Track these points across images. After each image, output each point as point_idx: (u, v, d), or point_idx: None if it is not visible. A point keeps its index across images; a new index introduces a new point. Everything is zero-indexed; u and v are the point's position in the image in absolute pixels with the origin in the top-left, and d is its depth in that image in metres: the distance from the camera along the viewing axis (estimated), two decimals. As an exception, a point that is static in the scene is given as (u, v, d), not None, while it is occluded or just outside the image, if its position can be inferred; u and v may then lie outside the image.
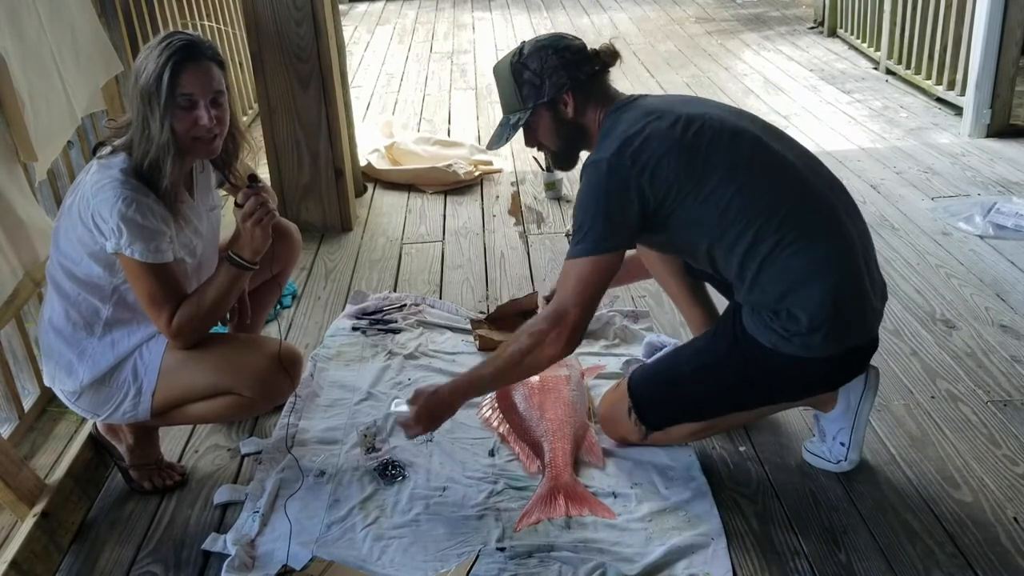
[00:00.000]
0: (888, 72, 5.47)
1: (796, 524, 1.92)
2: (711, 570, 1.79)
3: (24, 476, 1.91)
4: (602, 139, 1.87)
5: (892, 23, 5.33)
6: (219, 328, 2.17)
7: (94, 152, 1.90)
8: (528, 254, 3.32)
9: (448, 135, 4.81)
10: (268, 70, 3.29)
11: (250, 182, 1.91)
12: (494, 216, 3.68)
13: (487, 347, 2.62)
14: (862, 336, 1.87)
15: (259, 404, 2.01)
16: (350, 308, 2.88)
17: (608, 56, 1.94)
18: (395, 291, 3.04)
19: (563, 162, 2.05)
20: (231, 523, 1.97)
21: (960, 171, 3.89)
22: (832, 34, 6.59)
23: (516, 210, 3.73)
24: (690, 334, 2.36)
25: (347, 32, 7.59)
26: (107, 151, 1.86)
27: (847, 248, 1.82)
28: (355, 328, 2.76)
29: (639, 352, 2.52)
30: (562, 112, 1.93)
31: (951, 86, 4.64)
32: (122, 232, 1.77)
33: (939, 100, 4.83)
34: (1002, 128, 4.27)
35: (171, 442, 2.26)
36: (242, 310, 2.13)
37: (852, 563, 1.81)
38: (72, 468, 2.03)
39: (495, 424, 2.26)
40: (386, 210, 3.80)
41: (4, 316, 2.17)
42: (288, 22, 3.21)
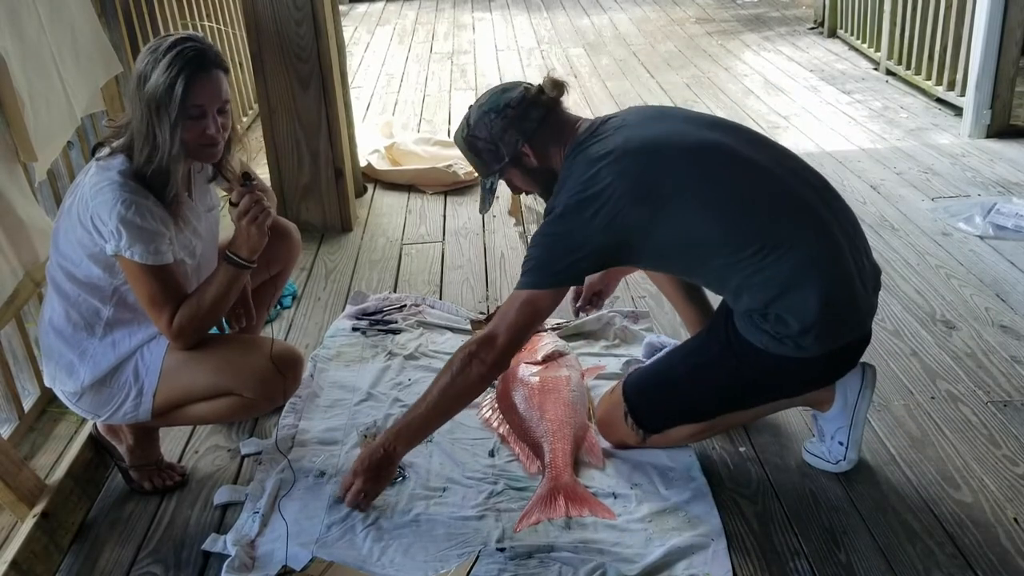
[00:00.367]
0: (888, 73, 5.47)
1: (796, 524, 1.92)
2: (711, 570, 1.79)
3: (24, 476, 1.91)
4: (561, 182, 1.87)
5: (892, 23, 5.33)
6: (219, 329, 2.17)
7: (93, 152, 1.90)
8: (528, 254, 3.31)
9: (448, 135, 4.81)
10: (268, 70, 3.29)
11: (244, 180, 1.92)
12: (494, 216, 3.68)
13: (487, 347, 2.62)
14: (855, 332, 1.87)
15: (260, 405, 2.01)
16: (350, 309, 2.88)
17: (553, 91, 1.94)
18: (395, 291, 3.04)
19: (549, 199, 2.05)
20: (231, 523, 1.97)
21: (960, 172, 3.89)
22: (832, 35, 6.59)
23: (516, 210, 3.73)
24: (689, 334, 2.36)
25: (347, 32, 7.59)
26: (105, 152, 1.86)
27: (831, 247, 1.80)
28: (355, 329, 2.76)
29: (639, 353, 2.52)
30: (527, 163, 1.95)
31: (951, 87, 4.64)
32: (121, 234, 1.77)
33: (939, 101, 4.83)
34: (1002, 128, 4.27)
35: (171, 442, 2.26)
36: (247, 310, 2.13)
37: (852, 563, 1.81)
38: (72, 468, 2.03)
39: (495, 425, 2.26)
40: (386, 210, 3.80)
41: (4, 316, 2.17)
42: (288, 22, 3.22)
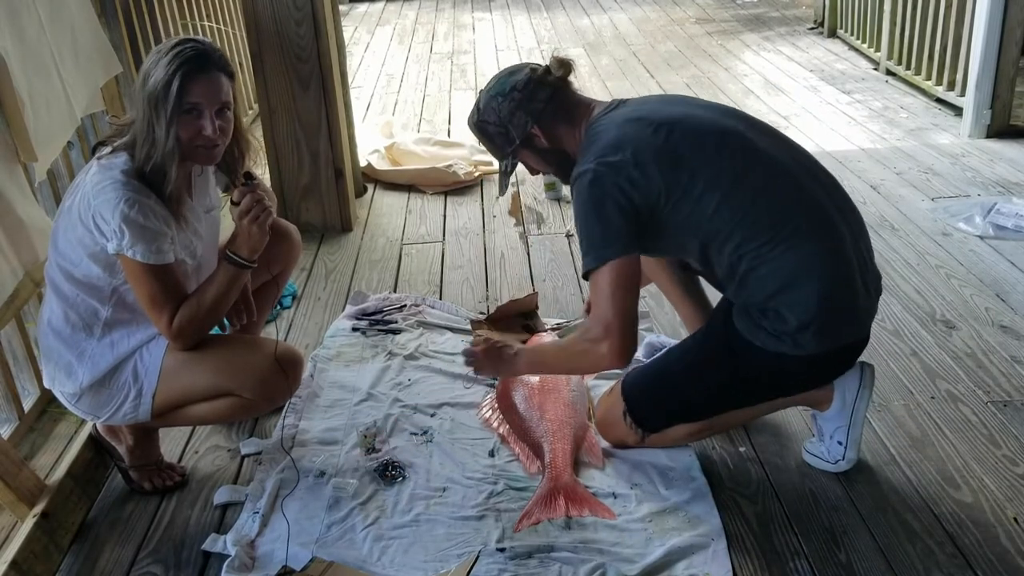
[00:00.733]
0: (888, 73, 5.47)
1: (796, 524, 1.92)
2: (711, 570, 1.79)
3: (24, 476, 1.91)
4: (584, 150, 1.87)
5: (892, 23, 5.33)
6: (219, 330, 2.17)
7: (94, 151, 1.90)
8: (528, 254, 3.32)
9: (448, 135, 4.81)
10: (268, 70, 3.29)
11: (245, 180, 1.92)
12: (494, 216, 3.68)
13: (487, 347, 2.62)
14: (853, 333, 1.87)
15: (260, 405, 2.01)
16: (350, 309, 2.88)
17: (559, 71, 1.93)
18: (395, 291, 3.04)
19: (567, 179, 2.02)
20: (231, 523, 1.97)
21: (960, 172, 3.89)
22: (832, 35, 6.59)
23: (516, 210, 3.73)
24: (688, 333, 2.36)
25: (347, 33, 7.59)
26: (107, 151, 1.86)
27: (837, 246, 1.81)
28: (355, 329, 2.76)
29: (639, 352, 2.52)
30: (539, 144, 1.95)
31: (951, 86, 4.64)
32: (124, 233, 1.77)
33: (939, 101, 4.83)
34: (1002, 128, 4.27)
35: (171, 443, 2.26)
36: (248, 310, 2.13)
37: (852, 563, 1.81)
38: (72, 468, 2.03)
39: (495, 425, 2.26)
40: (386, 211, 3.80)
41: (4, 316, 2.17)
42: (288, 22, 3.22)
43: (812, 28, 6.94)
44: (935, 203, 3.56)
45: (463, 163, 4.07)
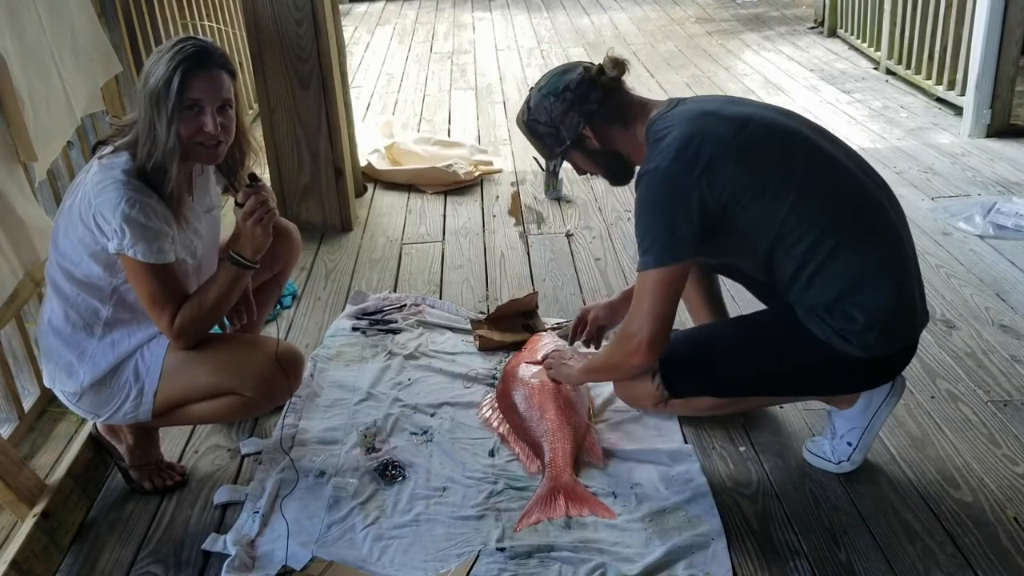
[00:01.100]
0: (888, 72, 5.47)
1: (796, 524, 1.92)
2: (711, 570, 1.79)
3: (24, 476, 1.91)
4: (652, 147, 1.81)
5: (892, 23, 5.33)
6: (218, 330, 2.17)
7: (94, 151, 1.90)
8: (528, 254, 3.32)
9: (448, 135, 4.81)
10: (268, 70, 3.29)
11: (250, 181, 1.92)
12: (494, 216, 3.68)
13: (487, 347, 2.63)
14: (909, 336, 1.86)
15: (261, 404, 2.01)
16: (350, 308, 2.88)
17: (613, 71, 1.89)
18: (395, 291, 3.04)
19: (615, 182, 2.01)
20: (231, 523, 1.97)
21: (960, 171, 3.89)
22: (832, 34, 6.59)
23: (516, 210, 3.73)
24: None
25: (347, 32, 7.59)
26: (109, 150, 1.85)
27: (901, 249, 1.82)
28: (355, 328, 2.76)
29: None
30: (589, 145, 1.91)
31: (951, 86, 4.64)
32: (125, 233, 1.77)
33: (939, 100, 4.83)
34: (1002, 128, 4.27)
35: (171, 442, 2.26)
36: (248, 309, 2.13)
37: (852, 563, 1.81)
38: (72, 468, 2.03)
39: (495, 424, 2.26)
40: (386, 210, 3.80)
41: (4, 316, 2.17)
42: (288, 22, 3.22)
43: (812, 27, 6.94)
44: (935, 203, 3.56)
45: (463, 163, 4.07)
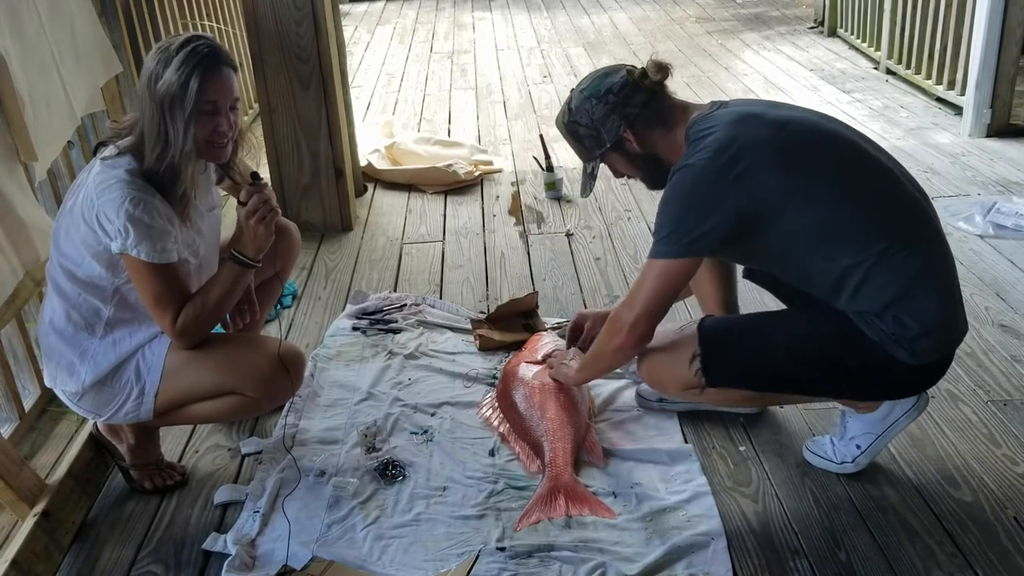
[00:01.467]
0: (888, 72, 5.47)
1: (796, 524, 1.92)
2: (711, 570, 1.79)
3: (25, 476, 1.91)
4: (692, 146, 1.79)
5: (892, 23, 5.32)
6: (219, 329, 2.17)
7: (95, 152, 1.90)
8: (528, 254, 3.32)
9: (448, 135, 4.81)
10: (268, 70, 3.29)
11: (253, 180, 1.92)
12: (494, 216, 3.68)
13: (487, 347, 2.63)
14: (955, 345, 1.84)
15: (262, 404, 2.01)
16: (350, 308, 2.88)
17: (657, 75, 1.88)
18: (395, 291, 3.04)
19: (652, 186, 2.00)
20: (231, 523, 1.97)
21: (960, 171, 3.89)
22: (832, 34, 6.59)
23: (516, 210, 3.73)
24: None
25: (347, 32, 7.59)
26: (112, 152, 1.84)
27: (945, 255, 1.81)
28: (355, 328, 2.77)
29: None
30: (629, 148, 1.90)
31: (951, 86, 4.64)
32: (129, 232, 1.76)
33: (939, 100, 4.83)
34: (1002, 128, 4.27)
35: (172, 442, 2.26)
36: (251, 309, 2.13)
37: (852, 563, 1.81)
38: (73, 468, 2.03)
39: (495, 424, 2.27)
40: (386, 210, 3.80)
41: (5, 316, 2.18)
42: (288, 22, 3.22)
43: (812, 27, 6.94)
44: (935, 202, 3.54)
45: (463, 162, 4.07)
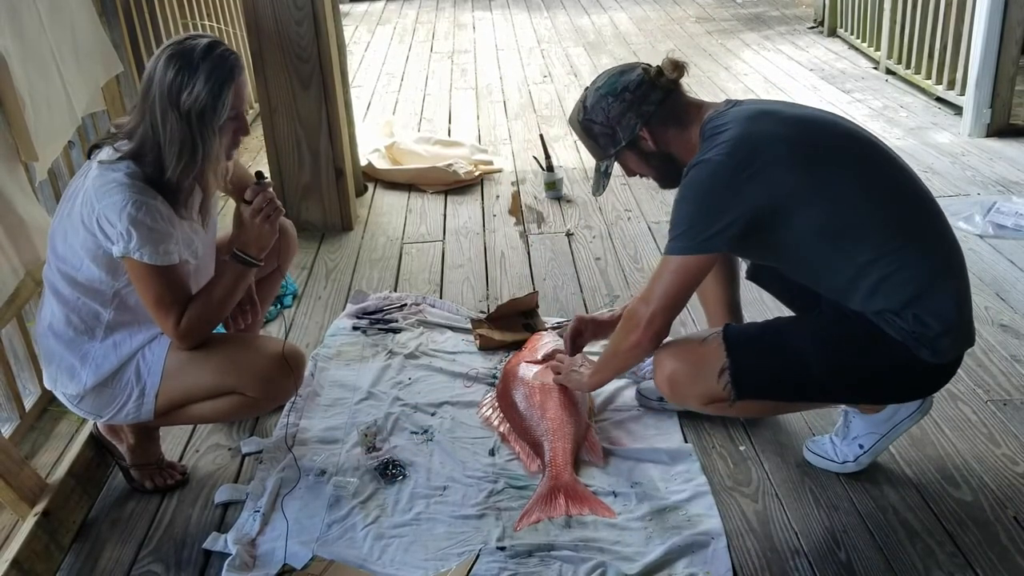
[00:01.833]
0: (888, 72, 5.47)
1: (796, 524, 1.92)
2: (711, 569, 1.79)
3: (25, 475, 1.91)
4: (707, 143, 1.79)
5: (892, 23, 5.33)
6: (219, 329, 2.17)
7: (89, 154, 1.88)
8: (528, 254, 3.32)
9: (448, 135, 4.81)
10: (269, 70, 3.29)
11: (258, 179, 1.92)
12: (494, 216, 3.69)
13: (487, 346, 2.63)
14: (970, 342, 1.84)
15: (263, 404, 2.01)
16: (350, 308, 2.88)
17: (672, 73, 1.87)
18: (395, 291, 3.05)
19: (665, 184, 2.00)
20: (232, 522, 1.97)
21: (960, 170, 3.90)
22: (832, 34, 6.59)
23: (516, 210, 3.73)
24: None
25: (347, 32, 7.59)
26: (111, 156, 1.80)
27: (957, 253, 1.81)
28: (356, 327, 2.77)
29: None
30: (644, 147, 1.90)
31: (951, 85, 4.64)
32: (131, 236, 1.75)
33: (939, 100, 4.83)
34: (1002, 127, 4.27)
35: (172, 441, 2.26)
36: (253, 308, 2.13)
37: (852, 562, 1.81)
38: (73, 467, 2.03)
39: (495, 423, 2.27)
40: (386, 210, 3.80)
41: (5, 315, 2.18)
42: (288, 22, 3.22)
43: (812, 27, 6.93)
44: (935, 202, 3.56)
45: (463, 162, 4.07)
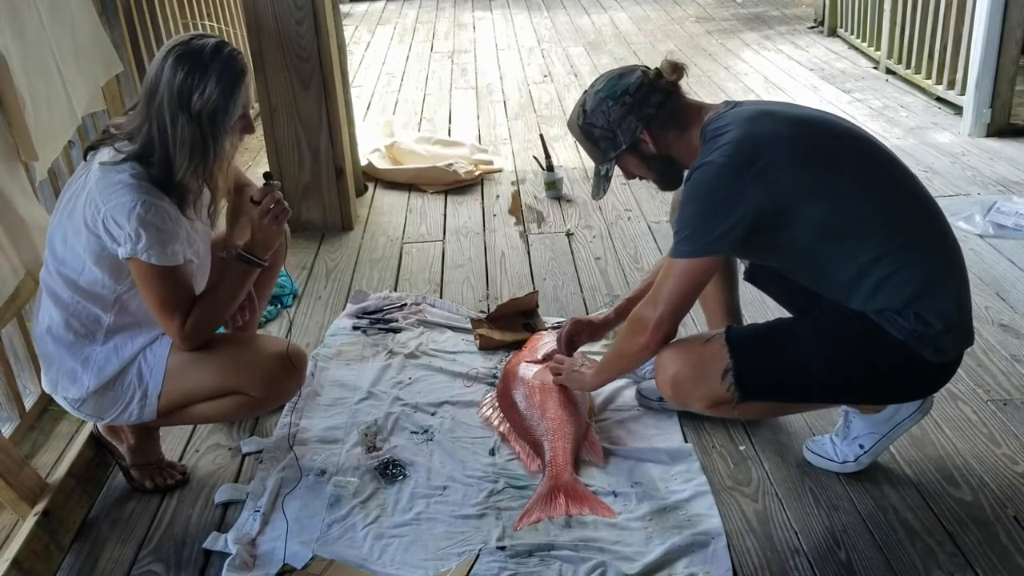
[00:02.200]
0: (888, 71, 5.47)
1: (796, 524, 1.93)
2: (711, 569, 1.79)
3: (25, 475, 1.91)
4: (708, 145, 1.79)
5: (892, 22, 5.33)
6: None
7: (84, 155, 1.87)
8: (528, 253, 3.32)
9: (449, 134, 4.81)
10: (269, 69, 3.29)
11: (266, 179, 1.93)
12: (494, 215, 3.69)
13: (487, 346, 2.63)
14: (970, 342, 1.84)
15: (266, 403, 2.01)
16: (351, 307, 2.88)
17: (672, 75, 1.87)
18: (396, 290, 3.05)
19: (666, 186, 2.01)
20: (232, 522, 1.97)
21: (960, 170, 3.90)
22: (832, 33, 6.59)
23: (516, 209, 3.73)
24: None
25: (348, 32, 7.59)
26: (113, 157, 1.79)
27: (957, 252, 1.81)
28: (356, 327, 2.77)
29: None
30: (645, 150, 1.90)
31: (951, 85, 4.64)
32: (140, 237, 1.74)
33: (939, 99, 4.83)
34: (1002, 127, 4.27)
35: (172, 441, 2.26)
36: (251, 306, 2.13)
37: (852, 562, 1.81)
38: (73, 467, 2.03)
39: (495, 423, 2.27)
40: (387, 209, 3.80)
41: (5, 315, 2.18)
42: (289, 21, 3.22)
43: (812, 27, 6.94)
44: (935, 202, 3.56)
45: (463, 162, 4.08)
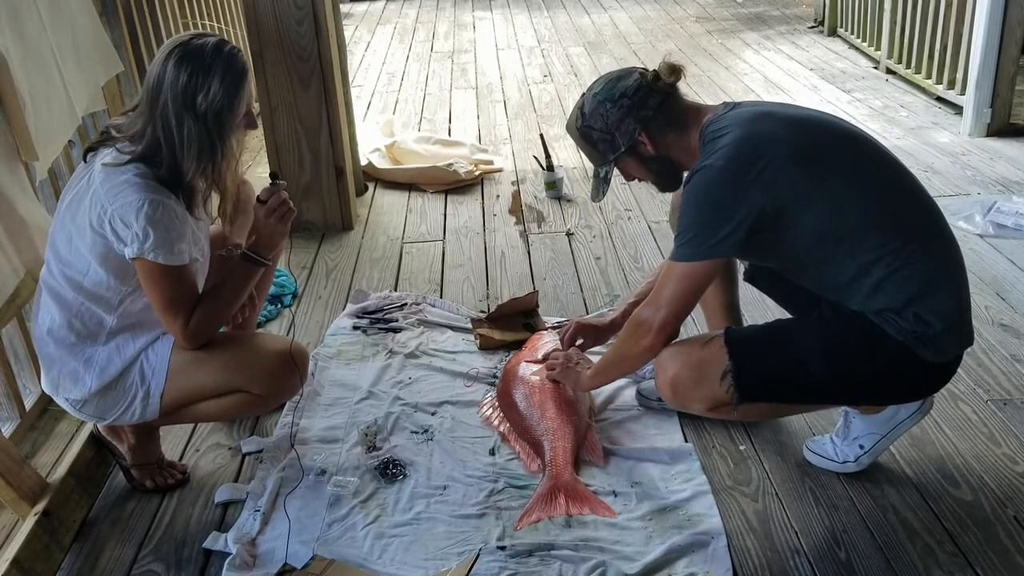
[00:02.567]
0: (888, 71, 5.47)
1: (796, 523, 1.93)
2: (711, 569, 1.79)
3: (25, 475, 1.91)
4: (707, 147, 1.79)
5: (892, 22, 5.33)
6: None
7: (84, 156, 1.86)
8: (528, 253, 3.32)
9: (449, 134, 4.81)
10: (269, 69, 3.29)
11: (272, 179, 1.93)
12: (494, 215, 3.69)
13: (487, 346, 2.63)
14: (969, 342, 1.84)
15: (269, 401, 2.01)
16: (351, 307, 2.88)
17: (670, 77, 1.87)
18: (396, 290, 3.05)
19: (664, 188, 2.01)
20: (232, 522, 1.97)
21: (960, 170, 3.90)
22: (832, 33, 6.59)
23: (516, 209, 3.73)
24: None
25: (348, 32, 7.59)
26: (116, 159, 1.78)
27: (956, 251, 1.81)
28: (356, 327, 2.77)
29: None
30: (643, 152, 1.90)
31: (951, 85, 4.64)
32: (148, 236, 1.74)
33: (939, 99, 4.83)
34: (1002, 127, 4.27)
35: (172, 441, 2.26)
36: (250, 303, 2.13)
37: (852, 562, 1.81)
38: (73, 467, 2.03)
39: (496, 423, 2.27)
40: (387, 209, 3.80)
41: (5, 315, 2.18)
42: (289, 21, 3.22)
43: (812, 27, 6.93)
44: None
45: (463, 162, 4.08)
